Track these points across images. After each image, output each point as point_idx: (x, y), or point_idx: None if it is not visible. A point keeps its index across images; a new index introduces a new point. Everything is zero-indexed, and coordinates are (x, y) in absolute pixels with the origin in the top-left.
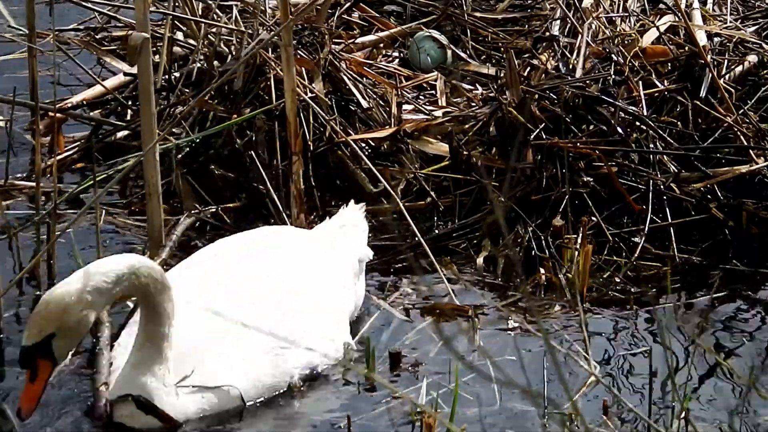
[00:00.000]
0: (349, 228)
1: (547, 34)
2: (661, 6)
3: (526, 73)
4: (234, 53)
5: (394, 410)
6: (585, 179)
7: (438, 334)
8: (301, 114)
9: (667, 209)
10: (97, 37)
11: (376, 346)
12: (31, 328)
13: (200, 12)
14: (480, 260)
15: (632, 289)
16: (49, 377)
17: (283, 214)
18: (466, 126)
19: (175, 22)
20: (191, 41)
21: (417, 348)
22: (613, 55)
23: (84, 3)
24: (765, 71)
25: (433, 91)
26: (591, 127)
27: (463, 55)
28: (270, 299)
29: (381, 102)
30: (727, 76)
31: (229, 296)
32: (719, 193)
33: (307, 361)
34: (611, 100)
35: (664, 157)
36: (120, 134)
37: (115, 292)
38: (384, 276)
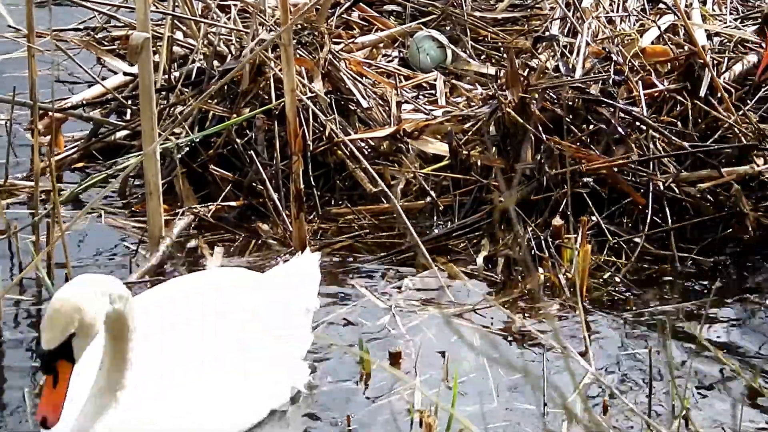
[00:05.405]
0: (301, 277)
1: (547, 33)
2: (661, 6)
3: (526, 73)
4: (234, 53)
5: (393, 409)
6: (585, 179)
7: (437, 334)
8: (301, 114)
9: (667, 209)
10: (97, 36)
11: (373, 346)
12: (52, 330)
13: (200, 12)
14: (480, 259)
15: (632, 289)
16: (69, 379)
17: (283, 214)
18: (466, 126)
19: (175, 21)
20: (191, 41)
21: (416, 347)
22: (613, 55)
23: (84, 3)
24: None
25: (433, 91)
26: (591, 127)
27: (463, 55)
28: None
29: (381, 102)
30: (726, 76)
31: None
32: (719, 193)
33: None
34: (611, 101)
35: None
36: (120, 134)
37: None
38: (383, 275)
